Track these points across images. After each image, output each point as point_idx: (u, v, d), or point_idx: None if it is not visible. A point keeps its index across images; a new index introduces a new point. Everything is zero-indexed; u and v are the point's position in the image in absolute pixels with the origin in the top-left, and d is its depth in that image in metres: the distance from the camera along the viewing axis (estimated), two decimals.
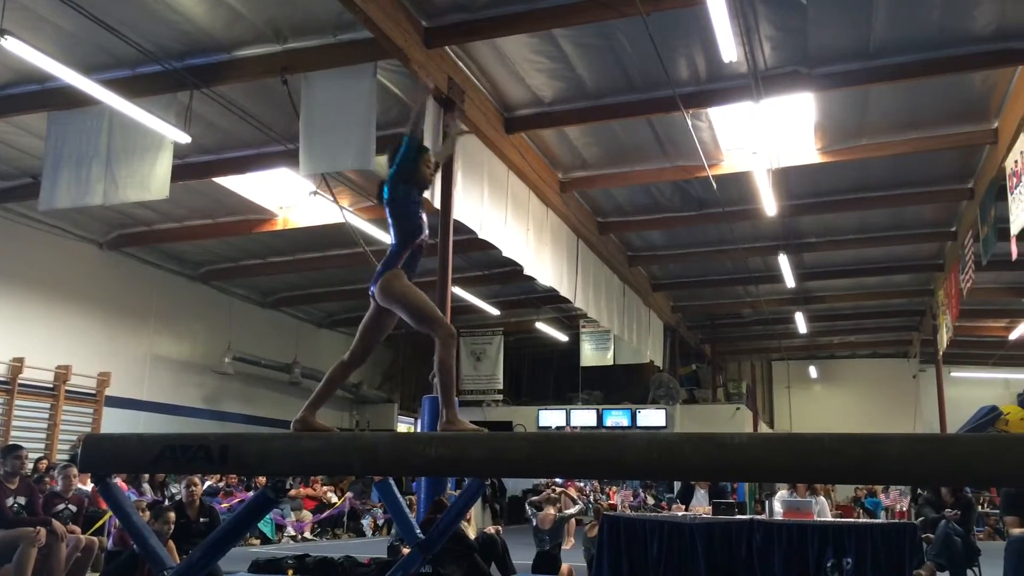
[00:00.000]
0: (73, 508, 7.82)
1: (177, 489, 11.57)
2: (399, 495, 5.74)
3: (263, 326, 17.89)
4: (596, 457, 3.25)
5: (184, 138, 8.89)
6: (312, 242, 14.16)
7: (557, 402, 22.57)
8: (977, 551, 7.55)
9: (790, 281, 15.63)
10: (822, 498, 9.48)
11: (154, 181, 9.00)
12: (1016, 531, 7.06)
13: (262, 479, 11.42)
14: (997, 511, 14.29)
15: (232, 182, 11.55)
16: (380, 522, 15.01)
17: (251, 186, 11.81)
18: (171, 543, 6.78)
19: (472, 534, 8.28)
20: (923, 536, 7.51)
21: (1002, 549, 7.30)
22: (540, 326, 19.43)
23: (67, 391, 12.93)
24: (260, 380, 17.68)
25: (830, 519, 8.67)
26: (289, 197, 12.26)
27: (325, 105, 8.39)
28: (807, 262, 16.14)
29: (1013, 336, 19.52)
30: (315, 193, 11.41)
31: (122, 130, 9.02)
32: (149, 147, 8.98)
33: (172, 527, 7.03)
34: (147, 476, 11.93)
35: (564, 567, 7.83)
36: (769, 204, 11.51)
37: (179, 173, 9.80)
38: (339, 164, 8.87)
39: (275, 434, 4.10)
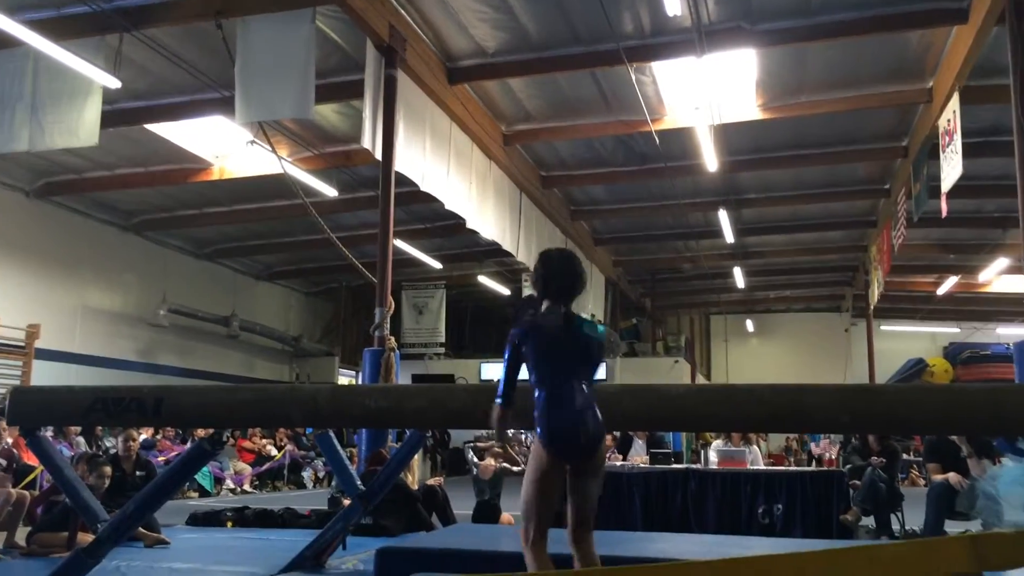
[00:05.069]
0: (3, 462, 7.66)
1: (112, 442, 11.38)
2: (339, 447, 5.74)
3: (199, 278, 17.53)
4: None
5: (114, 83, 8.56)
6: (250, 193, 13.86)
7: (499, 355, 22.63)
8: (901, 496, 7.86)
9: (729, 236, 15.85)
10: (755, 447, 9.76)
11: (82, 127, 8.68)
12: (938, 477, 7.36)
13: (199, 432, 11.31)
14: (921, 459, 14.89)
15: (165, 129, 11.18)
16: (321, 474, 15.01)
17: (185, 134, 11.44)
18: None
19: (414, 485, 8.33)
20: (850, 483, 7.80)
21: (924, 495, 7.63)
22: (482, 279, 19.43)
23: None
24: (196, 333, 17.40)
25: (762, 467, 8.93)
26: (225, 146, 11.93)
27: (262, 51, 8.14)
28: (745, 218, 16.37)
29: (941, 291, 20.16)
30: (252, 142, 11.16)
31: (48, 73, 8.66)
32: (77, 92, 8.64)
33: (108, 481, 6.92)
34: (79, 428, 11.68)
35: (504, 516, 7.91)
36: (710, 160, 11.60)
37: (109, 119, 9.44)
38: (277, 112, 8.68)
39: (211, 386, 4.05)
